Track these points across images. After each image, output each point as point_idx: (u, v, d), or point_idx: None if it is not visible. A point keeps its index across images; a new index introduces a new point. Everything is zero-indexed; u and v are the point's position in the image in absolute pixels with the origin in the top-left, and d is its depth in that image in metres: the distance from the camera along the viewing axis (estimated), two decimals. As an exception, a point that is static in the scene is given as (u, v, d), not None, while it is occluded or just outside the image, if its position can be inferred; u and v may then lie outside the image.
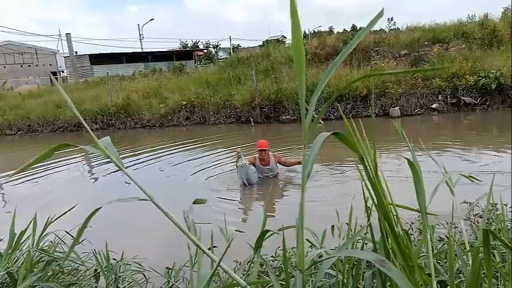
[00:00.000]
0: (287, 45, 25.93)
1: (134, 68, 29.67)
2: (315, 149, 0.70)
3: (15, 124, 18.09)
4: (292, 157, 8.13)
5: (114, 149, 0.78)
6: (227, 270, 0.70)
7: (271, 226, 1.39)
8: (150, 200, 0.73)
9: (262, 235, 1.10)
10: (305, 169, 0.67)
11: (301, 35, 0.68)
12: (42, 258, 1.90)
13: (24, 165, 0.75)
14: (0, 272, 1.63)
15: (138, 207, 6.04)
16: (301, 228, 0.68)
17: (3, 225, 4.53)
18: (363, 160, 0.82)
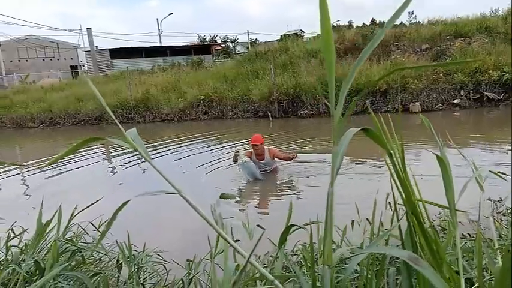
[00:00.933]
0: (305, 39, 25.74)
1: (153, 62, 29.92)
2: (343, 144, 0.69)
3: (37, 117, 18.47)
4: (312, 150, 8.10)
5: (141, 140, 0.79)
6: (255, 265, 0.70)
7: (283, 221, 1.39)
8: (178, 194, 0.74)
9: (287, 230, 1.10)
10: (334, 164, 0.67)
11: (330, 27, 0.67)
12: (67, 248, 1.94)
13: (56, 157, 0.77)
14: (28, 260, 1.67)
15: (157, 200, 6.12)
16: (330, 224, 0.68)
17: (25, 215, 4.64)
18: (391, 156, 0.81)
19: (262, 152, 6.83)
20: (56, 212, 2.18)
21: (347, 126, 0.77)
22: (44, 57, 39.16)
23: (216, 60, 32.06)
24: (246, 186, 6.71)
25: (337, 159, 0.67)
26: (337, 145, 0.67)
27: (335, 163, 0.67)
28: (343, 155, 0.68)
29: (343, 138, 0.68)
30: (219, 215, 0.79)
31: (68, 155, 0.77)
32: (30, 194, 7.43)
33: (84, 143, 0.73)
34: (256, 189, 6.73)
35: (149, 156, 0.74)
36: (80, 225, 2.37)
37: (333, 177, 0.67)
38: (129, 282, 2.15)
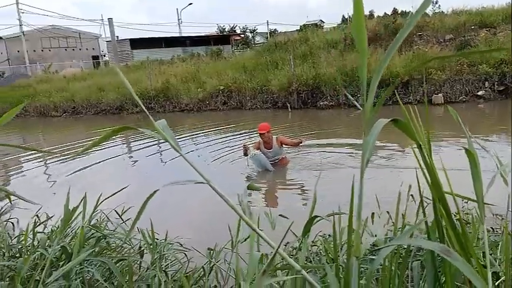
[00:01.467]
0: (325, 30, 25.45)
1: (173, 52, 30.06)
2: (374, 134, 0.69)
3: (60, 106, 18.83)
4: (331, 142, 8.05)
5: (170, 131, 0.80)
6: (283, 255, 0.71)
7: (301, 212, 1.39)
8: (207, 183, 0.75)
9: (311, 221, 1.10)
10: (364, 155, 0.66)
11: (363, 13, 0.67)
12: (92, 235, 1.99)
13: (90, 144, 0.79)
14: (56, 246, 1.72)
15: (179, 189, 6.20)
16: (359, 215, 0.68)
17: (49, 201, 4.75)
18: (420, 147, 0.81)
19: (270, 140, 6.80)
20: (82, 200, 2.23)
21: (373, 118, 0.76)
22: (66, 47, 39.75)
23: (235, 51, 32.02)
24: (264, 177, 6.72)
25: (368, 150, 0.66)
26: (368, 135, 0.67)
27: (365, 153, 0.67)
28: (373, 145, 0.67)
29: (373, 129, 0.68)
30: (247, 205, 0.80)
31: (101, 143, 0.78)
32: (53, 180, 7.60)
33: (116, 131, 0.75)
34: (275, 180, 6.74)
35: (179, 146, 0.75)
36: (103, 212, 2.41)
37: (363, 168, 0.67)
38: (151, 268, 2.19)
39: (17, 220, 2.60)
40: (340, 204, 2.01)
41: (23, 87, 21.59)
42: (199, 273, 2.47)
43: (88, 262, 1.82)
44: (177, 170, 7.44)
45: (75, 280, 1.83)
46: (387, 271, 1.01)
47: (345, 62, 14.43)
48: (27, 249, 2.26)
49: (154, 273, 2.03)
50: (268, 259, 1.89)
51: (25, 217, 2.72)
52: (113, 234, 2.12)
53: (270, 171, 6.71)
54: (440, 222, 0.89)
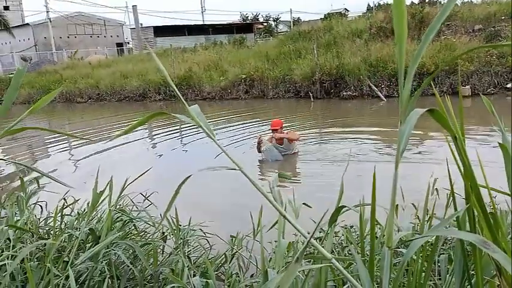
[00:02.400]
0: (350, 18, 25.03)
1: (195, 40, 30.12)
2: (409, 124, 0.68)
3: (85, 92, 19.16)
4: (355, 133, 7.98)
5: (203, 117, 0.80)
6: (315, 244, 0.71)
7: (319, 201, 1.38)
8: (239, 170, 0.75)
9: (338, 211, 1.10)
10: (400, 145, 0.65)
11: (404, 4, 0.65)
12: (118, 218, 2.04)
13: (124, 130, 0.80)
14: (85, 228, 1.77)
15: (202, 174, 6.24)
16: (393, 207, 0.67)
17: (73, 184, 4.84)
18: (455, 139, 0.79)
19: (282, 140, 6.99)
20: (107, 184, 2.28)
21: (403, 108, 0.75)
22: (91, 34, 40.27)
23: (258, 39, 31.87)
24: (282, 167, 6.72)
25: (403, 139, 0.65)
26: (404, 125, 0.66)
27: (401, 143, 0.65)
28: (409, 135, 0.66)
29: (409, 118, 0.67)
30: (278, 193, 0.80)
31: (135, 129, 0.80)
32: (77, 163, 7.77)
33: (150, 117, 0.76)
34: (297, 168, 6.74)
35: (212, 132, 0.76)
36: (129, 197, 2.46)
37: (398, 158, 0.66)
38: (175, 253, 2.23)
39: (45, 203, 2.67)
40: (364, 195, 2.00)
41: (49, 73, 22.02)
42: (220, 260, 2.50)
43: (114, 245, 1.86)
44: (200, 155, 7.52)
45: (102, 262, 1.88)
46: (415, 264, 1.00)
47: (369, 52, 14.18)
48: (55, 231, 2.32)
49: (177, 258, 2.07)
50: (294, 247, 1.90)
51: (52, 200, 2.79)
52: (139, 218, 2.15)
53: (280, 160, 6.90)
54: (473, 214, 0.87)
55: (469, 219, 0.89)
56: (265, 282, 0.97)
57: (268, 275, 0.96)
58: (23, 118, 0.88)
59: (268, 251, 2.70)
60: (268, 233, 2.04)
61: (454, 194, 1.08)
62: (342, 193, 1.29)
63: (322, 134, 9.30)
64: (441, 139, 6.67)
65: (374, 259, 0.81)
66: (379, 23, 16.05)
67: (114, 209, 1.96)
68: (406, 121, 0.65)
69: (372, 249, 0.77)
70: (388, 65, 13.28)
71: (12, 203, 2.65)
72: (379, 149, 7.27)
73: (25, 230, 2.04)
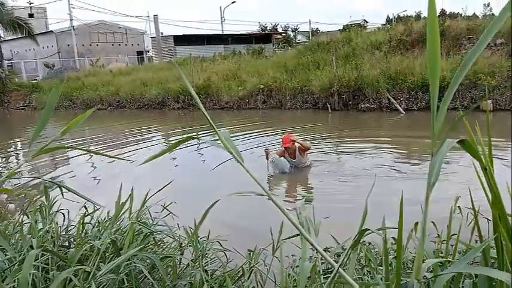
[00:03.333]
0: (369, 30, 24.96)
1: (215, 49, 30.41)
2: (440, 157, 0.68)
3: (106, 99, 19.48)
4: (373, 148, 7.90)
5: (232, 142, 0.81)
6: (344, 275, 0.71)
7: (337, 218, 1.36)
8: (267, 196, 0.76)
9: (361, 234, 1.09)
10: (431, 177, 0.65)
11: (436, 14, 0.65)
12: (139, 230, 2.06)
13: (152, 156, 0.82)
14: (107, 239, 1.79)
15: (223, 188, 6.28)
16: (423, 237, 0.67)
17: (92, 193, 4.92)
18: (485, 170, 0.78)
19: (294, 151, 6.97)
20: (129, 196, 2.31)
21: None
22: (113, 42, 41.06)
23: (276, 49, 32.01)
24: (301, 180, 6.70)
25: (434, 171, 0.65)
26: (436, 156, 0.65)
27: (432, 175, 0.65)
28: (439, 169, 0.66)
29: (440, 151, 0.67)
30: (305, 218, 0.81)
31: (165, 154, 0.81)
32: (96, 172, 7.87)
33: (180, 142, 0.77)
34: (309, 184, 6.70)
35: (242, 158, 0.77)
36: (149, 210, 2.48)
37: (429, 191, 0.65)
38: (192, 265, 2.24)
39: (67, 211, 2.72)
40: (384, 214, 1.98)
41: (72, 79, 22.49)
42: (237, 273, 2.50)
43: (135, 257, 1.88)
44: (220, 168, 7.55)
45: (121, 273, 1.90)
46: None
47: (388, 65, 14.11)
48: (75, 239, 2.36)
49: (195, 272, 2.08)
50: (316, 267, 1.89)
51: (72, 208, 2.83)
52: (160, 232, 2.17)
53: (287, 172, 6.87)
54: (501, 243, 0.86)
55: (497, 250, 0.87)
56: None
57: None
58: (56, 138, 0.90)
59: (285, 265, 2.70)
60: (285, 246, 2.03)
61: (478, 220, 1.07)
62: (366, 215, 1.28)
63: (339, 147, 9.25)
64: (458, 153, 6.56)
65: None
66: (398, 35, 15.97)
67: (136, 221, 1.98)
68: (437, 153, 0.65)
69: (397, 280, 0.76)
70: (408, 77, 13.17)
71: (35, 210, 2.70)
72: (398, 163, 7.19)
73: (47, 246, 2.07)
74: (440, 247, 2.19)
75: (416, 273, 0.67)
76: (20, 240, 2.17)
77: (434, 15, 0.67)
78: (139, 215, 2.23)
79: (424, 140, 8.81)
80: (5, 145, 12.45)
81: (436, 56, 0.65)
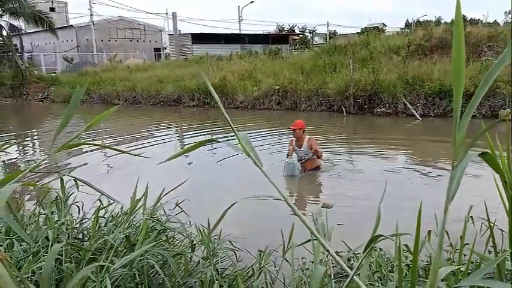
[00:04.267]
0: (387, 34, 24.77)
1: (231, 49, 30.52)
2: (460, 169, 0.67)
3: (122, 94, 19.71)
4: (388, 154, 7.83)
5: (251, 145, 0.82)
6: (358, 283, 0.71)
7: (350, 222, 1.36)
8: (284, 201, 0.77)
9: (374, 239, 1.09)
10: (450, 189, 0.65)
11: (461, 20, 0.64)
12: (153, 226, 2.08)
13: (171, 156, 0.83)
14: (121, 235, 1.82)
15: (235, 188, 6.30)
16: (440, 249, 0.67)
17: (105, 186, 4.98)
18: (506, 184, 0.78)
19: (302, 139, 6.86)
20: (144, 193, 2.34)
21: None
22: (131, 38, 41.50)
23: (293, 51, 31.96)
24: (313, 184, 6.67)
25: (454, 184, 0.65)
26: (456, 169, 0.65)
27: (451, 187, 0.65)
28: (459, 182, 0.66)
29: (461, 163, 0.66)
30: (321, 224, 0.81)
31: (185, 153, 0.82)
32: (111, 169, 7.95)
33: (200, 144, 0.78)
34: (322, 187, 6.67)
35: (260, 162, 0.78)
36: (163, 207, 2.50)
37: (448, 203, 0.65)
38: (203, 263, 2.26)
39: (82, 204, 2.76)
40: (398, 220, 1.97)
41: (90, 74, 22.79)
42: (247, 273, 2.51)
43: (148, 253, 1.90)
44: (232, 166, 7.58)
45: (134, 268, 1.93)
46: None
47: (406, 69, 13.97)
48: (89, 232, 2.40)
49: (206, 270, 2.09)
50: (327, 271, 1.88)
51: (87, 201, 2.87)
52: (174, 229, 2.19)
53: (296, 175, 6.82)
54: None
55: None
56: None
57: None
58: (80, 134, 0.92)
59: (295, 266, 2.69)
60: (295, 248, 2.04)
61: (493, 231, 1.06)
62: (379, 221, 1.28)
63: (353, 150, 9.20)
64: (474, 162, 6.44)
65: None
66: (417, 40, 15.80)
67: (150, 217, 2.00)
68: (458, 166, 0.65)
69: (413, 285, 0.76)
70: (426, 83, 13.02)
71: (51, 202, 2.75)
72: (413, 170, 7.12)
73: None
74: (453, 257, 2.17)
75: (431, 283, 0.67)
76: (36, 231, 2.22)
77: (461, 25, 0.67)
78: (153, 212, 2.25)
79: (440, 146, 8.71)
80: (24, 137, 12.68)
81: (461, 64, 0.65)
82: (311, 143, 6.80)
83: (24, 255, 2.02)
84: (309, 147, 6.79)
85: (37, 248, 2.01)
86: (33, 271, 1.84)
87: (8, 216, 1.06)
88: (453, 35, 0.67)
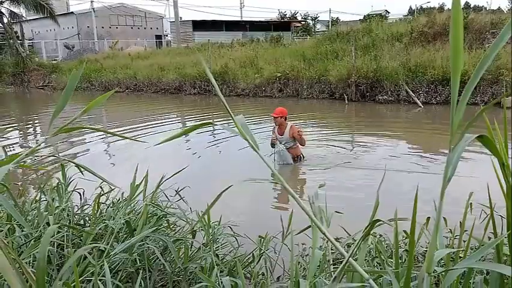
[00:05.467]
0: (390, 21, 24.55)
1: (233, 36, 30.32)
2: (457, 153, 0.67)
3: (123, 82, 19.65)
4: (388, 141, 7.82)
5: (248, 129, 0.82)
6: (354, 265, 0.71)
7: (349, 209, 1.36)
8: (280, 184, 0.76)
9: (372, 224, 1.09)
10: (447, 173, 0.65)
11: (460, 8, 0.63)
12: (153, 212, 2.09)
13: (168, 137, 0.83)
14: (121, 219, 1.83)
15: (235, 175, 6.31)
16: (436, 232, 0.67)
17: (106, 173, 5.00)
18: (503, 166, 0.77)
19: (284, 127, 6.77)
20: (143, 178, 2.35)
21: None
22: (132, 26, 41.23)
23: (295, 38, 31.73)
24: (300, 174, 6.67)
25: (451, 167, 0.65)
26: (453, 152, 0.65)
27: (448, 170, 0.65)
28: (456, 164, 0.65)
29: (458, 146, 0.66)
30: (318, 208, 0.81)
31: (181, 136, 0.82)
32: (111, 155, 7.97)
33: (197, 127, 0.78)
34: (328, 176, 6.67)
35: (257, 145, 0.77)
36: (164, 192, 2.52)
37: (444, 187, 0.65)
38: (203, 249, 2.28)
39: (83, 191, 2.77)
40: (397, 207, 1.98)
41: (90, 61, 22.71)
42: (247, 259, 2.53)
43: (148, 238, 1.92)
44: (231, 152, 7.58)
45: (134, 253, 1.94)
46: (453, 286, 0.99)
47: (409, 57, 13.87)
48: (90, 218, 2.41)
49: (207, 255, 2.11)
50: (325, 256, 1.89)
51: (87, 187, 2.88)
52: (173, 214, 2.20)
53: (291, 164, 6.75)
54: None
55: (510, 247, 0.87)
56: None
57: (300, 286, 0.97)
58: (77, 118, 0.92)
59: (294, 253, 2.71)
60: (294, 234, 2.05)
61: (494, 215, 1.06)
62: (377, 206, 1.28)
63: (354, 137, 9.19)
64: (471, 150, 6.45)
65: (410, 281, 0.81)
66: (420, 27, 15.66)
67: (150, 203, 2.01)
68: (455, 149, 0.64)
69: (408, 272, 0.76)
70: (428, 70, 12.94)
71: (52, 188, 2.76)
72: (413, 157, 7.12)
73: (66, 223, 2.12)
74: (452, 242, 2.18)
75: (428, 266, 0.67)
76: (37, 217, 2.23)
77: (459, 9, 0.66)
78: (154, 198, 2.26)
79: (441, 133, 8.69)
80: (24, 123, 12.69)
81: (459, 49, 0.64)
82: (293, 131, 6.69)
83: (26, 240, 2.03)
84: (291, 134, 6.70)
85: (38, 233, 2.02)
86: (35, 257, 1.85)
87: (6, 201, 1.07)
88: (451, 18, 0.66)
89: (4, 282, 1.53)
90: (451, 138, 0.65)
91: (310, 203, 0.85)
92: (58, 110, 0.87)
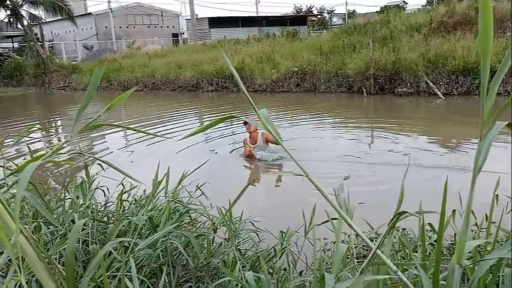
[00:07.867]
0: (408, 11, 24.11)
1: (249, 32, 30.27)
2: (488, 141, 0.65)
3: (142, 81, 19.85)
4: (409, 134, 7.70)
5: (271, 122, 0.81)
6: (382, 257, 0.70)
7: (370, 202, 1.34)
8: (305, 176, 0.76)
9: (398, 216, 1.07)
10: (477, 162, 0.63)
11: None
12: (175, 208, 2.11)
13: (191, 133, 0.83)
14: (144, 216, 1.85)
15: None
16: (467, 224, 0.65)
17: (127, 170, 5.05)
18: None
19: (256, 135, 6.68)
20: (165, 175, 2.37)
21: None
22: (149, 25, 41.58)
23: (311, 32, 31.51)
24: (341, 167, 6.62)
25: (481, 156, 0.63)
26: (483, 141, 0.63)
27: (478, 159, 0.63)
28: (487, 152, 0.64)
29: (489, 134, 0.64)
30: (343, 200, 0.80)
31: (203, 131, 0.82)
32: (132, 152, 8.07)
33: (220, 120, 0.78)
34: (348, 170, 6.62)
35: (281, 137, 0.77)
36: (186, 189, 2.53)
37: (475, 176, 0.63)
38: (225, 245, 2.29)
39: (106, 188, 2.82)
40: (421, 200, 1.95)
41: (109, 61, 23.01)
42: (269, 254, 2.53)
43: (171, 234, 1.94)
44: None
45: (158, 249, 1.96)
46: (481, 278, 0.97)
47: (428, 48, 13.60)
48: (113, 215, 2.45)
49: (229, 250, 2.12)
50: (350, 249, 1.88)
51: (110, 185, 2.93)
52: (195, 210, 2.22)
53: (277, 159, 6.58)
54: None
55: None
56: (322, 286, 0.98)
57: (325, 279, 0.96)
58: (101, 115, 0.93)
59: (317, 248, 2.70)
60: (317, 229, 2.04)
61: None
62: (402, 198, 1.26)
63: (374, 130, 9.08)
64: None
65: (439, 273, 0.79)
66: (440, 17, 15.33)
67: (173, 199, 2.03)
68: (486, 137, 0.62)
69: (437, 264, 0.75)
70: (449, 61, 12.68)
71: (76, 186, 2.81)
72: (435, 150, 7.00)
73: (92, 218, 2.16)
74: (478, 235, 2.14)
75: (458, 258, 0.65)
76: (62, 214, 2.27)
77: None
78: (175, 194, 2.28)
79: (464, 125, 8.52)
80: (47, 123, 12.97)
81: (489, 32, 0.62)
82: (265, 136, 6.56)
83: (52, 237, 2.08)
84: (264, 140, 6.62)
85: (64, 230, 2.06)
86: (61, 253, 1.89)
87: (34, 199, 1.09)
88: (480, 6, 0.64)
89: (31, 278, 1.57)
90: (482, 126, 0.63)
91: (335, 195, 0.84)
92: (83, 106, 0.88)
